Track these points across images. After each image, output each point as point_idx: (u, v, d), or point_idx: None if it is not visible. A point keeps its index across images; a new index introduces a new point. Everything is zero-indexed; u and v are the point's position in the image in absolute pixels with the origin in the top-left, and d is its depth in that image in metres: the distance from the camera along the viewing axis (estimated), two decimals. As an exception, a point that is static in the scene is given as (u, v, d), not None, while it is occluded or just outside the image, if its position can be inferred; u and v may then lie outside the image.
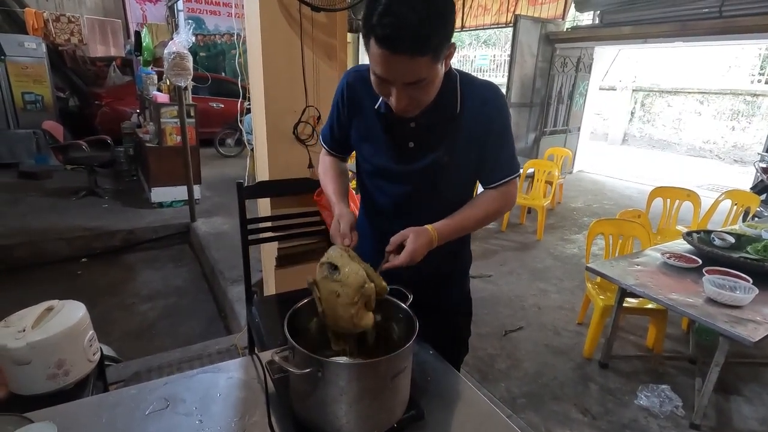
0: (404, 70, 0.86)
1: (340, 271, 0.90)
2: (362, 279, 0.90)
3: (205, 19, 9.19)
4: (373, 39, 0.83)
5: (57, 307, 1.33)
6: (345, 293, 0.88)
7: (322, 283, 0.92)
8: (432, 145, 1.05)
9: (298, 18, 1.88)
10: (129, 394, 0.95)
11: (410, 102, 0.93)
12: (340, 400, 0.80)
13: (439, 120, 1.03)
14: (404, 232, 1.00)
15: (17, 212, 4.52)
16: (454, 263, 1.27)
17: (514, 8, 7.75)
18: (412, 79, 0.88)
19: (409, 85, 0.89)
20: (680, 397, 2.14)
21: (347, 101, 1.12)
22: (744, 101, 9.54)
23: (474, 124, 1.04)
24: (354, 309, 0.89)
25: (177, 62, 3.60)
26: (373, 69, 0.90)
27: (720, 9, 4.96)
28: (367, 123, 1.10)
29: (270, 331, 1.64)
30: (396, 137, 1.07)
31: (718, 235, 2.30)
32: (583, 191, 6.47)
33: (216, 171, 6.56)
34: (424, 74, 0.87)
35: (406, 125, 1.04)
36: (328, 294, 0.90)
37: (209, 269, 3.60)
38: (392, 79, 0.89)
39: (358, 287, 0.89)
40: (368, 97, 1.06)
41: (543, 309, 3.07)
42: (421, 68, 0.86)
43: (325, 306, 0.92)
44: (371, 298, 0.92)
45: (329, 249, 0.97)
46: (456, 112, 1.03)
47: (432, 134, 1.04)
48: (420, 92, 0.92)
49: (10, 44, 5.90)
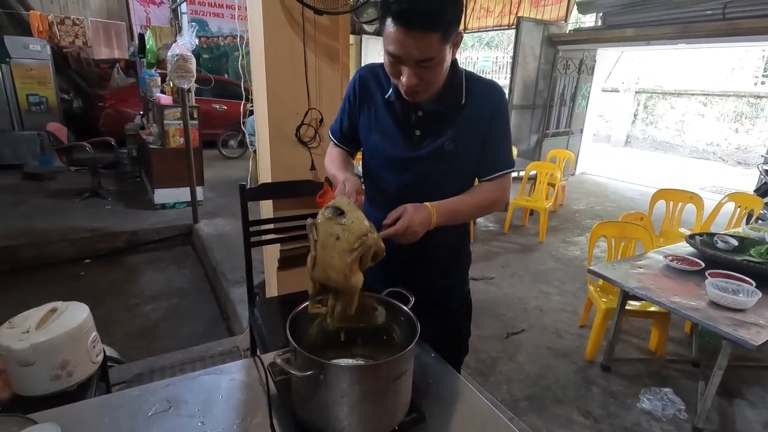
0: (417, 47, 0.90)
1: (346, 215, 0.86)
2: (366, 228, 0.87)
3: (208, 21, 9.23)
4: (390, 17, 0.89)
5: (61, 308, 1.33)
6: (346, 238, 0.85)
7: (323, 225, 0.87)
8: (437, 134, 1.09)
9: (301, 21, 1.89)
10: (132, 396, 0.96)
11: (419, 82, 0.97)
12: (342, 402, 0.80)
13: (445, 110, 1.08)
14: (403, 206, 1.01)
15: (21, 213, 4.54)
16: (455, 258, 1.28)
17: (516, 10, 7.76)
18: (423, 56, 0.92)
19: (419, 64, 0.94)
20: (683, 401, 2.13)
21: (359, 93, 1.16)
22: (748, 103, 9.51)
23: (478, 117, 1.09)
24: (350, 258, 0.85)
25: (180, 64, 3.61)
26: (387, 49, 0.95)
27: (723, 11, 4.95)
28: (377, 113, 1.14)
29: (272, 333, 1.65)
30: (403, 125, 1.11)
31: (721, 238, 2.29)
32: (585, 193, 6.45)
33: (219, 172, 6.58)
34: (434, 53, 0.92)
35: (414, 114, 1.09)
36: (327, 237, 0.86)
37: (212, 271, 3.61)
38: (405, 56, 0.93)
39: (361, 234, 0.85)
40: (379, 89, 1.13)
41: (545, 311, 3.07)
42: (432, 45, 0.91)
43: (319, 251, 0.87)
44: (369, 252, 0.88)
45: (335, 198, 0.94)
46: (461, 104, 1.08)
47: (438, 123, 1.09)
48: (429, 73, 0.96)
49: (15, 46, 5.95)
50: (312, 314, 0.97)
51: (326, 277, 0.88)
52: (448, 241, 1.23)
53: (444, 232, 1.15)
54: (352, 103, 1.18)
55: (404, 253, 1.18)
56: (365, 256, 0.88)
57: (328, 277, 0.87)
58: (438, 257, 1.23)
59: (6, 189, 5.39)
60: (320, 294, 0.93)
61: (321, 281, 0.90)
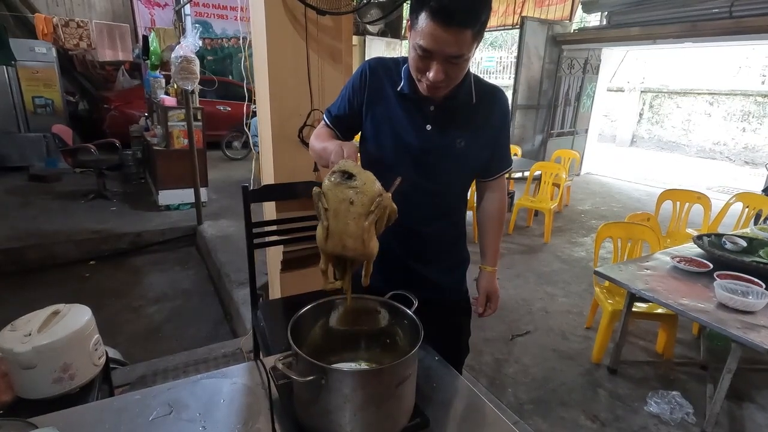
0: (452, 43, 0.91)
1: (357, 177, 0.82)
2: (379, 189, 0.82)
3: (212, 23, 9.26)
4: (427, 12, 0.89)
5: (63, 311, 1.33)
6: (360, 201, 0.80)
7: (333, 191, 0.82)
8: (448, 130, 1.12)
9: (304, 21, 1.88)
10: (133, 400, 0.95)
11: (445, 78, 0.98)
12: (344, 407, 0.79)
13: (457, 107, 1.11)
14: (483, 288, 1.31)
15: (27, 215, 4.57)
16: (452, 257, 1.30)
17: (520, 10, 7.73)
18: (456, 52, 0.93)
19: (449, 60, 0.95)
20: (691, 404, 2.10)
21: (369, 82, 1.14)
22: (755, 102, 9.42)
23: (489, 119, 1.15)
24: (367, 221, 0.80)
25: (184, 66, 3.62)
26: (418, 43, 0.95)
27: (730, 9, 4.91)
28: (387, 106, 1.13)
29: (275, 335, 1.64)
30: (415, 119, 1.11)
31: (729, 239, 2.26)
32: (591, 194, 6.41)
33: (223, 174, 6.60)
34: (465, 50, 0.94)
35: (426, 108, 1.10)
36: (339, 203, 0.81)
37: (215, 272, 3.61)
38: (438, 51, 0.93)
39: (376, 195, 0.81)
40: (390, 81, 1.13)
41: (550, 313, 3.04)
42: (465, 42, 0.92)
43: (331, 220, 0.81)
44: (384, 213, 0.84)
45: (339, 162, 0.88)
46: (472, 103, 1.11)
47: (449, 119, 1.11)
48: (456, 69, 0.98)
49: (21, 49, 5.99)
50: (314, 317, 0.96)
51: (342, 246, 0.82)
52: (445, 240, 1.25)
53: (440, 232, 1.22)
54: (356, 90, 1.16)
55: (402, 252, 1.21)
56: (380, 218, 0.84)
57: (345, 245, 0.82)
58: (435, 256, 1.25)
59: (12, 191, 5.42)
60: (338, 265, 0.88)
61: (336, 253, 0.84)
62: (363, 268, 0.93)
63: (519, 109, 6.63)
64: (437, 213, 1.20)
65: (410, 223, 1.16)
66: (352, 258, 0.86)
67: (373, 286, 1.22)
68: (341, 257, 0.87)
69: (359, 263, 0.90)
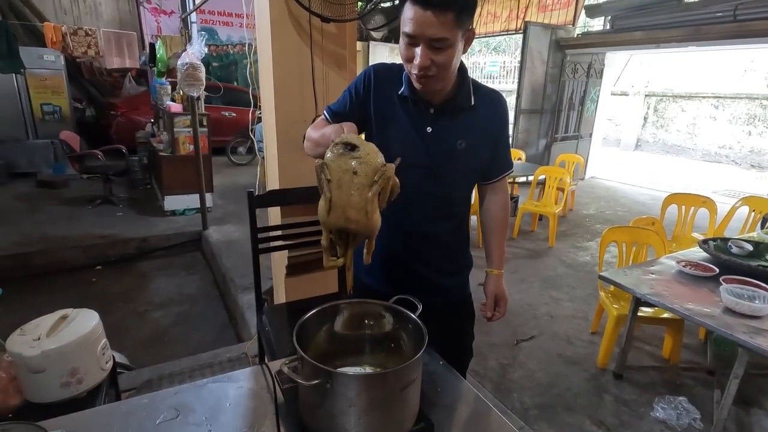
0: (432, 24, 0.95)
1: (360, 148, 0.81)
2: (382, 160, 0.82)
3: (218, 30, 9.36)
4: (408, 0, 0.95)
5: (71, 315, 1.35)
6: (364, 171, 0.79)
7: (336, 162, 0.81)
8: (448, 132, 1.14)
9: (308, 29, 1.90)
10: (140, 404, 0.96)
11: (431, 65, 1.00)
12: (349, 411, 0.79)
13: (456, 109, 1.13)
14: (491, 293, 1.28)
15: (35, 220, 4.62)
16: (455, 261, 1.31)
17: (523, 15, 7.75)
18: (437, 34, 0.95)
19: (433, 45, 0.97)
20: (698, 410, 2.08)
21: (374, 84, 1.16)
22: (761, 105, 9.37)
23: (489, 120, 1.17)
24: (371, 192, 0.80)
25: (190, 73, 3.66)
26: (403, 31, 0.99)
27: (734, 13, 4.89)
28: (390, 108, 1.16)
29: (280, 340, 1.65)
30: (416, 121, 1.13)
31: (735, 243, 2.25)
32: (595, 198, 6.39)
33: (228, 179, 6.64)
34: (448, 33, 0.96)
35: (426, 111, 1.13)
36: (342, 173, 0.80)
37: (221, 277, 3.63)
38: (420, 34, 0.96)
39: (379, 165, 0.81)
40: (392, 85, 1.15)
41: (555, 318, 3.03)
42: (446, 25, 0.95)
43: (334, 191, 0.81)
44: (388, 185, 0.83)
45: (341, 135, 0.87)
46: (471, 105, 1.13)
47: (449, 122, 1.13)
48: (441, 56, 0.99)
49: (30, 57, 6.08)
50: (319, 322, 0.97)
51: (345, 218, 0.82)
52: (448, 242, 1.26)
53: (443, 234, 1.23)
54: (359, 91, 1.18)
55: (405, 254, 1.23)
56: (384, 190, 0.83)
57: (348, 217, 0.82)
58: (438, 259, 1.26)
59: (20, 197, 5.48)
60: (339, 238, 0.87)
61: (338, 226, 0.84)
62: (365, 246, 0.93)
63: (523, 113, 6.63)
64: (440, 215, 1.21)
65: (413, 225, 1.19)
66: (354, 231, 0.86)
67: (376, 289, 1.23)
68: (343, 231, 0.86)
69: (361, 238, 0.89)
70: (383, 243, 1.09)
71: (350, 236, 0.88)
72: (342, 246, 0.90)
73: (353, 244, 0.90)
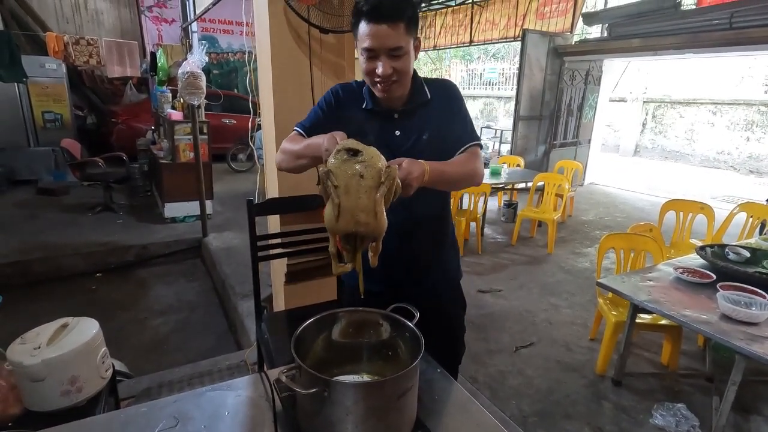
0: (387, 36, 1.07)
1: (363, 152, 0.84)
2: (385, 161, 0.85)
3: (218, 38, 9.43)
4: (363, 18, 1.08)
5: (71, 324, 1.35)
6: (370, 174, 0.82)
7: (340, 169, 0.84)
8: (414, 129, 1.23)
9: (307, 39, 1.93)
10: (139, 412, 0.97)
11: (393, 72, 1.11)
12: (347, 420, 0.80)
13: (416, 108, 1.24)
14: (399, 158, 1.02)
15: (35, 228, 4.63)
16: (440, 250, 1.37)
17: (522, 23, 7.81)
18: (394, 44, 1.08)
19: (391, 54, 1.09)
20: (697, 417, 2.08)
21: (337, 106, 1.26)
22: (758, 111, 9.42)
23: (442, 107, 1.26)
24: (379, 193, 0.82)
25: (190, 81, 3.69)
26: (362, 47, 1.11)
27: (730, 20, 4.94)
28: (357, 123, 1.23)
29: (279, 348, 1.65)
30: (384, 129, 1.23)
31: (732, 250, 2.26)
32: (594, 204, 6.41)
33: (228, 186, 6.66)
34: (402, 42, 1.09)
35: (391, 117, 1.23)
36: (349, 178, 0.82)
37: (220, 284, 3.64)
38: (378, 46, 1.08)
39: (383, 167, 0.83)
40: (356, 102, 1.25)
41: (554, 324, 3.03)
42: (399, 35, 1.08)
43: (342, 196, 0.83)
44: (393, 186, 0.86)
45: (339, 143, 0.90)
46: (427, 99, 1.24)
47: (412, 120, 1.24)
48: (399, 63, 1.11)
49: (31, 65, 6.12)
50: (317, 330, 0.98)
51: (355, 221, 0.84)
52: (431, 225, 1.32)
53: (425, 217, 1.29)
54: (331, 107, 1.26)
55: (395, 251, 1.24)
56: (390, 190, 0.85)
57: (358, 221, 0.84)
58: (421, 250, 1.31)
59: (21, 204, 5.50)
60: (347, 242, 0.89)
61: (348, 230, 0.85)
62: (369, 250, 0.95)
63: (522, 120, 6.67)
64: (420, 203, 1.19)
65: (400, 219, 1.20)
66: (363, 234, 0.88)
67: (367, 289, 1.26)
68: (352, 235, 0.87)
69: (369, 241, 0.92)
70: None
71: (358, 240, 0.90)
72: (350, 251, 0.92)
73: (361, 248, 0.92)
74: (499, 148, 10.00)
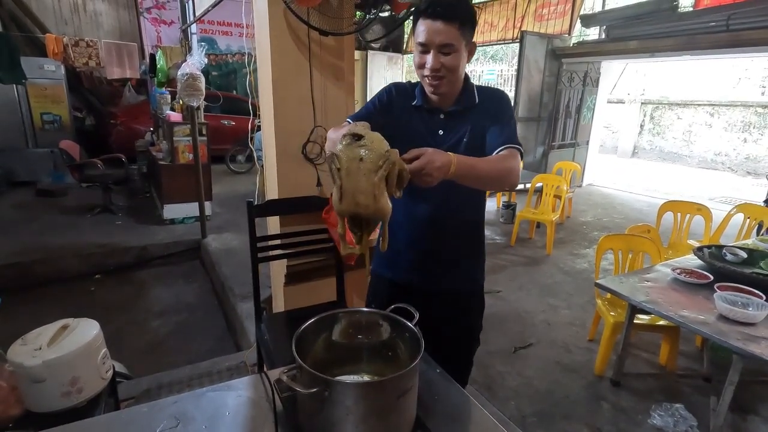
0: (440, 33, 1.13)
1: (366, 137, 0.88)
2: (387, 146, 0.88)
3: (217, 40, 9.44)
4: (422, 15, 1.15)
5: (72, 325, 1.36)
6: (369, 158, 0.86)
7: (344, 152, 0.88)
8: (457, 131, 1.27)
9: (307, 41, 1.94)
10: (140, 413, 0.97)
11: (441, 67, 1.16)
12: (347, 420, 0.81)
13: (462, 109, 1.28)
14: (424, 148, 1.01)
15: (34, 230, 4.62)
16: (470, 248, 1.41)
17: (520, 24, 7.83)
18: (445, 40, 1.14)
19: (441, 50, 1.15)
20: (695, 417, 2.09)
21: (393, 102, 1.31)
22: (755, 113, 9.46)
23: (489, 112, 1.28)
24: (377, 177, 0.86)
25: (189, 83, 3.69)
26: (416, 41, 1.18)
27: (727, 23, 4.96)
28: (406, 118, 1.30)
29: (278, 349, 1.66)
30: (429, 126, 1.29)
31: (729, 250, 2.28)
32: (592, 205, 6.43)
33: (227, 187, 6.66)
34: (453, 40, 1.14)
35: (437, 116, 1.29)
36: (350, 161, 0.86)
37: (219, 285, 3.63)
38: (430, 41, 1.15)
39: (384, 152, 0.87)
40: (408, 99, 1.31)
41: (553, 325, 3.04)
42: (451, 34, 1.14)
43: (344, 178, 0.87)
44: (394, 170, 0.89)
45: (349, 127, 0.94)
46: (475, 102, 1.28)
47: (457, 122, 1.28)
48: (449, 60, 1.16)
49: (31, 67, 6.12)
50: (317, 331, 0.98)
51: (355, 203, 0.87)
52: (464, 227, 1.37)
53: (459, 219, 1.34)
54: (383, 102, 1.32)
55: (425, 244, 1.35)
56: (391, 174, 0.88)
57: (358, 202, 0.87)
58: (455, 242, 1.36)
59: (19, 205, 5.49)
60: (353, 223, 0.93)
61: (350, 212, 0.89)
62: (380, 235, 0.98)
63: (520, 121, 6.68)
64: (455, 202, 1.31)
65: (432, 214, 1.31)
66: (366, 216, 0.91)
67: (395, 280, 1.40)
68: (356, 217, 0.91)
69: (375, 224, 0.95)
70: (406, 234, 1.34)
71: (364, 223, 0.94)
72: (357, 233, 0.96)
73: (368, 231, 0.95)
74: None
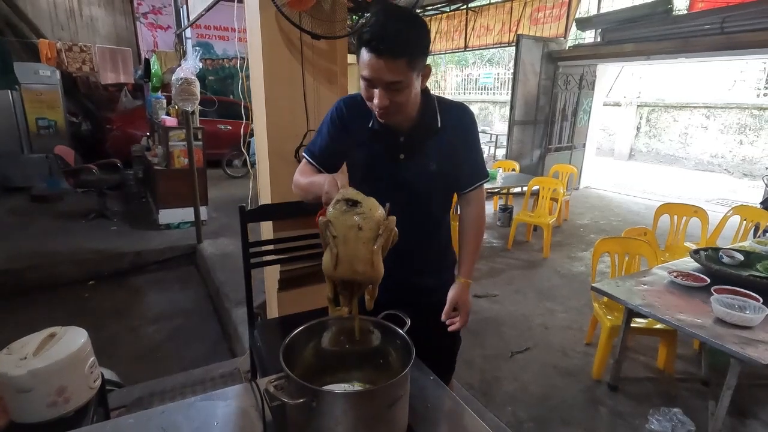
0: (386, 70, 1.01)
1: (362, 204, 0.86)
2: (383, 213, 0.87)
3: (213, 44, 9.44)
4: (363, 46, 1.01)
5: (59, 333, 1.33)
6: (368, 227, 0.84)
7: (340, 219, 0.86)
8: (420, 156, 1.21)
9: (299, 45, 1.93)
10: (126, 424, 0.95)
11: (390, 104, 1.06)
12: (336, 430, 0.79)
13: (424, 134, 1.20)
14: (452, 297, 1.24)
15: (29, 235, 4.59)
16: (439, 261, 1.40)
17: (516, 28, 7.87)
18: (391, 78, 1.02)
19: (389, 87, 1.04)
20: (693, 421, 2.07)
21: (346, 118, 1.22)
22: (751, 115, 9.49)
23: (453, 137, 1.22)
24: (376, 245, 0.85)
25: (184, 87, 3.69)
26: (361, 74, 1.05)
27: (721, 25, 4.98)
28: (362, 141, 1.22)
29: (271, 356, 1.63)
30: (389, 150, 1.21)
31: (726, 253, 2.27)
32: (589, 208, 6.43)
33: (223, 192, 6.64)
34: (401, 77, 1.03)
35: (397, 139, 1.20)
36: (348, 230, 0.85)
37: (214, 291, 3.61)
38: (376, 78, 1.03)
39: (381, 219, 0.86)
40: (362, 118, 1.21)
41: (550, 329, 3.03)
42: (398, 71, 1.01)
43: (341, 246, 0.85)
44: (390, 236, 0.88)
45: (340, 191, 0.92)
46: (438, 127, 1.20)
47: (419, 146, 1.20)
48: (398, 96, 1.06)
49: (25, 72, 6.11)
50: (307, 338, 0.96)
51: (353, 271, 0.87)
52: (432, 250, 1.36)
53: (427, 244, 1.32)
54: (335, 126, 1.23)
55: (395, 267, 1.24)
56: (387, 241, 0.88)
57: (355, 270, 0.86)
58: (424, 265, 1.35)
59: (14, 211, 5.46)
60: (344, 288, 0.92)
61: (346, 277, 0.88)
62: (366, 293, 0.97)
63: (516, 124, 6.69)
64: (422, 230, 1.28)
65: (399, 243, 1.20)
66: (361, 282, 0.90)
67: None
68: (350, 282, 0.90)
69: (366, 287, 0.94)
70: None
71: (355, 286, 0.93)
72: (347, 295, 0.94)
73: (358, 293, 0.94)
74: (495, 152, 10.03)
